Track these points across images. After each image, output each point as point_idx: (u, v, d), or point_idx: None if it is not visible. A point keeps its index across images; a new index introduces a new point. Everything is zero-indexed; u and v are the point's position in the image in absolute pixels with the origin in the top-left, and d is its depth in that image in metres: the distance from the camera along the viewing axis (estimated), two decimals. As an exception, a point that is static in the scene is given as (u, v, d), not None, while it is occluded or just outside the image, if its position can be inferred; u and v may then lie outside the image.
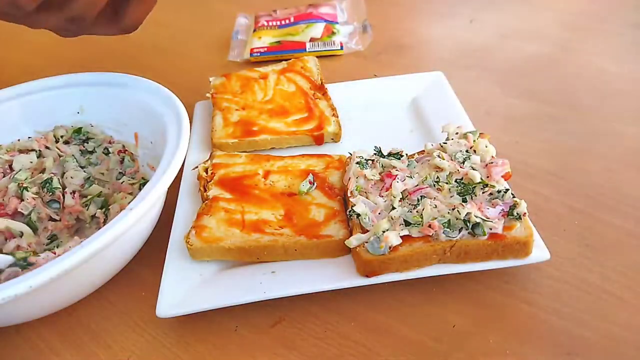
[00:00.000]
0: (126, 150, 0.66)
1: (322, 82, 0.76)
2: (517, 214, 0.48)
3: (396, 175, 0.53)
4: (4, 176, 0.62)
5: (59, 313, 0.51)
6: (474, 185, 0.51)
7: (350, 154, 0.59)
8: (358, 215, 0.50)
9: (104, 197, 0.61)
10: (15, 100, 0.67)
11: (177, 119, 0.57)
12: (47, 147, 0.65)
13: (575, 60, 0.83)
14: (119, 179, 0.63)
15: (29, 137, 0.67)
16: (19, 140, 0.67)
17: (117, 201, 0.60)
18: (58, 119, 0.68)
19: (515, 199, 0.49)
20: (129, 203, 0.48)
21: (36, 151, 0.64)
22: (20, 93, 0.67)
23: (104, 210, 0.59)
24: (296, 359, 0.46)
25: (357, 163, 0.56)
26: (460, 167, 0.53)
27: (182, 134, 0.54)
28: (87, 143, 0.67)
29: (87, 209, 0.59)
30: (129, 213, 0.46)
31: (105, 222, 0.58)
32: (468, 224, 0.47)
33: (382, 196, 0.52)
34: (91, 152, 0.66)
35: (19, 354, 0.49)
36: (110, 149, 0.66)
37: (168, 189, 0.50)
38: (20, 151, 0.65)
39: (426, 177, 0.53)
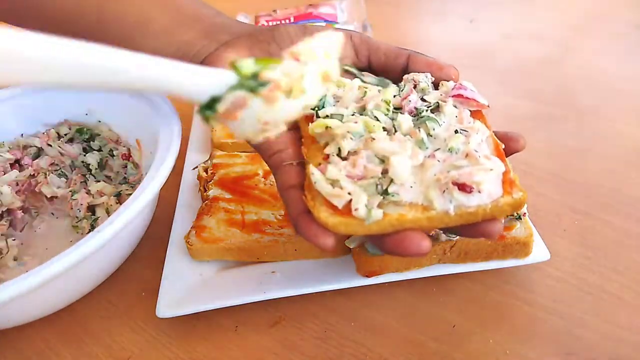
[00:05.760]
0: (130, 156, 0.65)
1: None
2: (517, 214, 0.48)
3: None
4: (4, 174, 0.61)
5: (59, 313, 0.51)
6: (474, 185, 0.51)
7: (350, 154, 0.59)
8: (358, 215, 0.50)
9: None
10: (18, 99, 0.66)
11: (169, 131, 0.52)
12: (49, 145, 0.65)
13: (576, 60, 0.83)
14: (122, 184, 0.63)
15: (36, 132, 0.66)
16: (22, 135, 0.66)
17: (110, 212, 0.58)
18: (66, 118, 0.68)
19: (515, 199, 0.49)
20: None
21: (37, 148, 0.64)
22: (25, 92, 0.66)
23: (91, 221, 0.58)
24: (296, 359, 0.46)
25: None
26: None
27: (170, 152, 0.50)
28: (93, 141, 0.67)
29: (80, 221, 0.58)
30: (96, 235, 0.42)
31: (90, 231, 0.57)
32: (468, 224, 0.47)
33: (382, 196, 0.52)
34: (98, 150, 0.66)
35: (19, 353, 0.49)
36: (114, 152, 0.65)
37: (168, 188, 0.50)
38: (24, 147, 0.64)
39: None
